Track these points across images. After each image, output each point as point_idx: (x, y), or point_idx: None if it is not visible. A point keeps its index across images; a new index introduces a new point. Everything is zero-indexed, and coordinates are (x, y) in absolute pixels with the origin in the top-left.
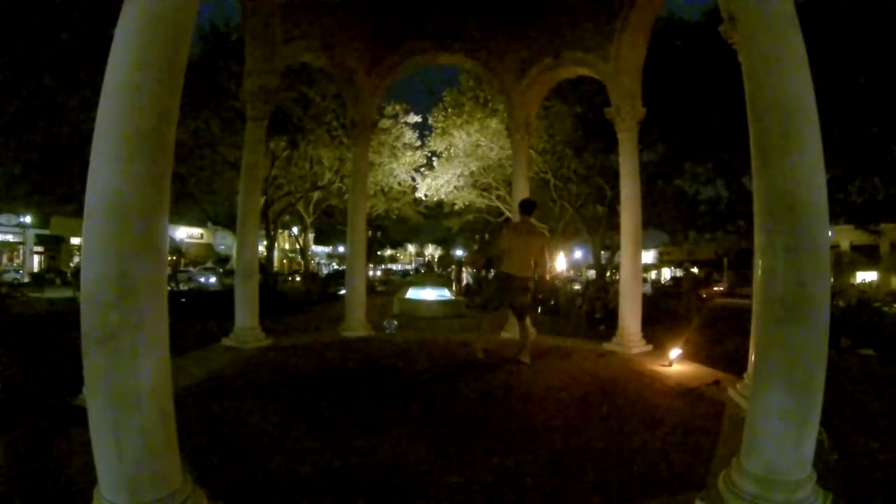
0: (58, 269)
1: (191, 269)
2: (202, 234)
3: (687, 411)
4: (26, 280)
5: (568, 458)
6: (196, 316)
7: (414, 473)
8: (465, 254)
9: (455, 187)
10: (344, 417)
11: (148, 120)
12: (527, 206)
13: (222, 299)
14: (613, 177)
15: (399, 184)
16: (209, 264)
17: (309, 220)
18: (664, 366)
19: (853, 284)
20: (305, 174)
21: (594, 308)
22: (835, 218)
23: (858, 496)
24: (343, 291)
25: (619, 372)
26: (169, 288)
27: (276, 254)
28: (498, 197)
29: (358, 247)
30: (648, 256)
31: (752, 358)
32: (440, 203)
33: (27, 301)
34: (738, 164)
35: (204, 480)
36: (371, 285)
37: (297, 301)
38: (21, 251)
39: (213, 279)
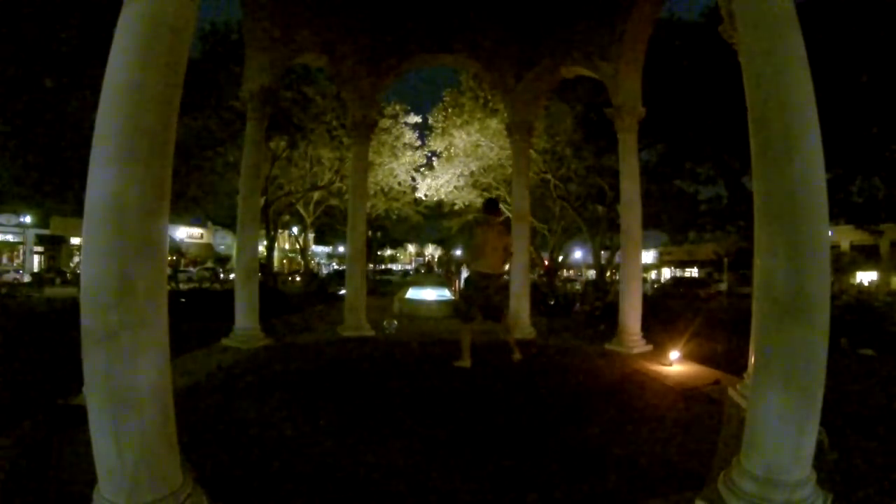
0: (58, 268)
1: (191, 269)
2: (202, 234)
3: (687, 411)
4: (27, 279)
5: (568, 457)
6: (196, 316)
7: (414, 473)
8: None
9: (455, 187)
10: (344, 417)
11: (148, 120)
12: (491, 206)
13: (222, 299)
14: (613, 177)
15: (399, 184)
16: (209, 264)
17: (309, 220)
18: (664, 366)
19: (853, 284)
20: (305, 174)
21: (594, 308)
22: (835, 218)
23: (858, 496)
24: (343, 291)
25: (619, 372)
26: (169, 287)
27: (276, 254)
28: (498, 197)
29: (358, 247)
30: (648, 256)
31: (752, 358)
32: (440, 203)
33: (27, 300)
34: (738, 164)
35: (204, 480)
36: (373, 285)
37: (297, 301)
38: (21, 251)
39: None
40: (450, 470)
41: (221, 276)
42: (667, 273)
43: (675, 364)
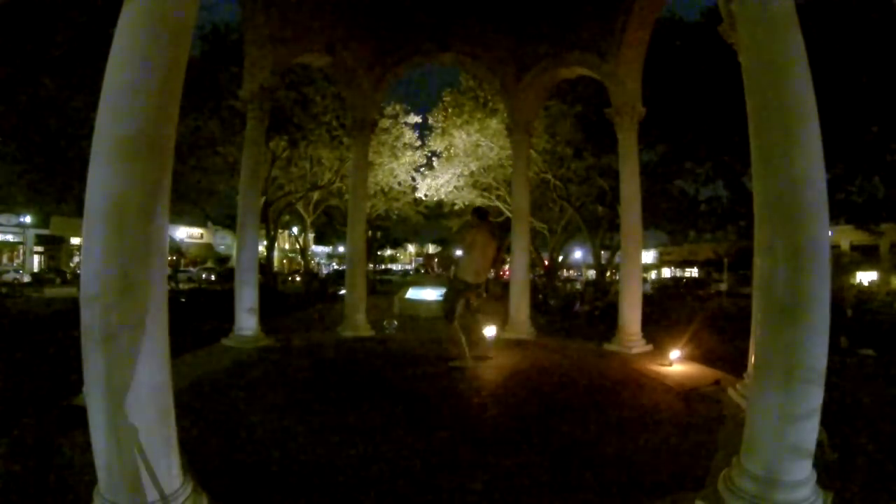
0: (58, 268)
1: (190, 269)
2: (202, 234)
3: (687, 411)
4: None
5: (568, 458)
6: (196, 316)
7: (415, 472)
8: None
9: (455, 187)
10: (344, 418)
11: (148, 120)
12: (482, 213)
13: (222, 299)
14: (613, 177)
15: (399, 184)
16: (209, 264)
17: (309, 220)
18: (664, 366)
19: (853, 284)
20: (305, 174)
21: (594, 308)
22: (835, 218)
23: (859, 496)
24: (343, 291)
25: (619, 372)
26: (169, 287)
27: (276, 254)
28: (498, 197)
29: (358, 247)
30: (648, 256)
31: (751, 358)
32: (440, 203)
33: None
34: (738, 164)
35: (204, 480)
36: (373, 285)
37: (297, 301)
38: (21, 251)
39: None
40: (450, 469)
41: (205, 276)
42: (667, 273)
43: (675, 364)
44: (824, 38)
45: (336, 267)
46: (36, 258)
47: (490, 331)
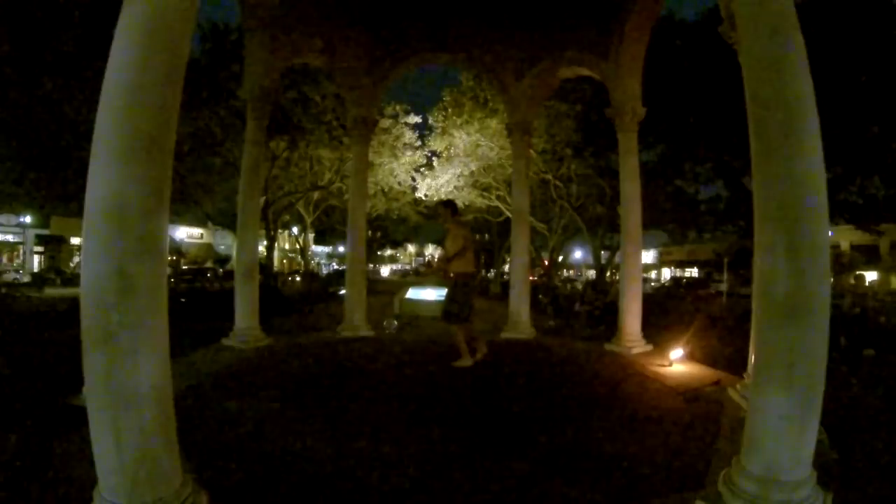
0: (58, 268)
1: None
2: (202, 234)
3: (687, 411)
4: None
5: (568, 458)
6: (196, 316)
7: (414, 473)
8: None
9: (455, 187)
10: (344, 418)
11: (148, 120)
12: (455, 206)
13: (222, 299)
14: (613, 177)
15: (399, 184)
16: (209, 264)
17: (309, 220)
18: (664, 366)
19: (853, 284)
20: (305, 174)
21: (594, 308)
22: (835, 218)
23: (858, 496)
24: (343, 291)
25: (619, 372)
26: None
27: (276, 254)
28: (498, 197)
29: (358, 247)
30: (648, 256)
31: (752, 358)
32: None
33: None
34: (738, 164)
35: (204, 480)
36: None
37: (297, 301)
38: (21, 251)
39: None
40: (449, 470)
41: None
42: (667, 273)
43: (675, 364)
44: (824, 38)
45: (336, 267)
46: (36, 258)
47: None
